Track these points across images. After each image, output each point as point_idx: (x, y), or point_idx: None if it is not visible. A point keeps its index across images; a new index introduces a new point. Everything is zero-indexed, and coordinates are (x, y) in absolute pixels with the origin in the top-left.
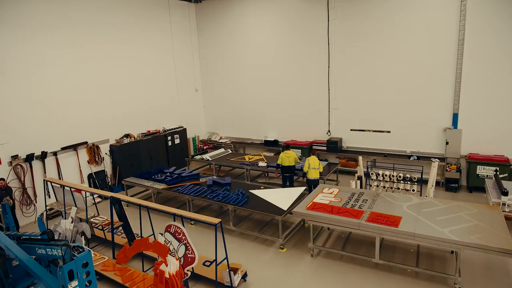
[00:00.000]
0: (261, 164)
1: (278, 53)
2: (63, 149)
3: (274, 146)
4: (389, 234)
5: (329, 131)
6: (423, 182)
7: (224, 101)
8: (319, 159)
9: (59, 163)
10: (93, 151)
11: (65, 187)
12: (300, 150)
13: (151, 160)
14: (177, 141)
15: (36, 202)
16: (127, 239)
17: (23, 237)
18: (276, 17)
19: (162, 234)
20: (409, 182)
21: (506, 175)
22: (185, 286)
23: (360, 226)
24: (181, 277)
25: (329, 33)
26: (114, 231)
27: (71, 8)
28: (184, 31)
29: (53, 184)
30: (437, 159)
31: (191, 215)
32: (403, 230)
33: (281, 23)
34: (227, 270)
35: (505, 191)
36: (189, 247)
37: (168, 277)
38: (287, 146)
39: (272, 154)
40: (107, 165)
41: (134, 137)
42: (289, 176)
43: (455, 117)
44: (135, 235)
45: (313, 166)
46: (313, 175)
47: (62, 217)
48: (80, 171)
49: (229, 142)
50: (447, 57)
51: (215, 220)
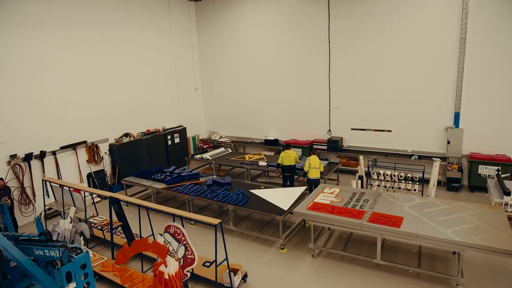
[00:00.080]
0: (261, 163)
1: (278, 51)
2: (62, 148)
3: (274, 145)
4: (390, 234)
5: (329, 130)
6: (424, 181)
7: (224, 100)
8: (319, 158)
9: (58, 162)
10: (93, 150)
11: (64, 187)
12: (300, 149)
13: (150, 160)
14: (177, 140)
15: (35, 202)
16: (126, 239)
17: (21, 237)
18: (276, 16)
19: (161, 235)
20: (410, 182)
21: (508, 174)
22: (184, 287)
23: (362, 226)
24: (180, 278)
25: (329, 32)
26: (114, 231)
27: (70, 7)
28: (184, 29)
29: (52, 183)
30: (438, 159)
31: (190, 216)
32: (405, 230)
33: (281, 21)
34: (227, 271)
35: (508, 191)
36: (188, 248)
37: (168, 278)
38: (288, 145)
39: (272, 154)
40: (106, 165)
41: (134, 136)
42: (290, 176)
43: (456, 116)
44: (135, 235)
45: (313, 166)
46: (313, 174)
47: (61, 217)
48: (79, 170)
49: (229, 141)
50: (449, 56)
51: (215, 221)
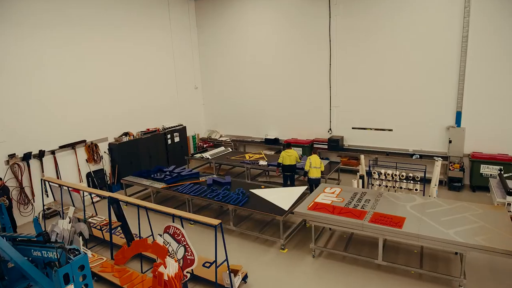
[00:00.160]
0: (261, 162)
1: (279, 50)
2: (61, 147)
3: (274, 144)
4: (392, 235)
5: (330, 129)
6: (425, 181)
7: (224, 98)
8: (320, 157)
9: (57, 162)
10: (92, 149)
11: (63, 187)
12: (301, 149)
13: (150, 159)
14: (176, 139)
15: (34, 202)
16: (126, 239)
17: (19, 238)
18: (277, 14)
19: (161, 235)
20: (411, 181)
21: (511, 174)
22: None
23: (363, 227)
24: (180, 279)
25: (330, 30)
26: (113, 231)
27: (69, 6)
28: (184, 28)
29: (50, 183)
30: (440, 158)
31: (190, 216)
32: (407, 231)
33: (281, 20)
34: (227, 272)
35: (510, 190)
36: (188, 248)
37: (167, 279)
38: (288, 144)
39: (272, 153)
40: (106, 164)
41: (133, 136)
42: (290, 175)
43: (458, 115)
44: (134, 235)
45: (314, 165)
46: (314, 174)
47: (60, 217)
48: (79, 170)
49: (229, 140)
50: (450, 54)
51: (215, 222)
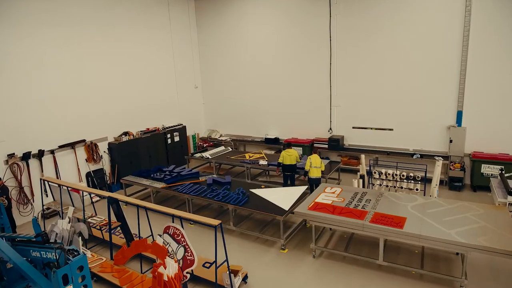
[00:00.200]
0: (261, 162)
1: (279, 49)
2: (60, 147)
3: (275, 144)
4: (393, 235)
5: (330, 128)
6: (426, 181)
7: (224, 98)
8: (320, 157)
9: (57, 161)
10: (91, 149)
11: (62, 187)
12: (301, 148)
13: (150, 158)
14: (176, 139)
15: (33, 202)
16: (125, 239)
17: (18, 238)
18: (277, 13)
19: (160, 236)
20: (412, 181)
21: None
22: None
23: (364, 227)
24: (180, 279)
25: (330, 29)
26: (112, 231)
27: (69, 5)
28: (184, 27)
29: (50, 183)
30: (440, 158)
31: (190, 216)
32: (408, 231)
33: (281, 18)
34: (228, 272)
35: (511, 190)
36: (188, 249)
37: (167, 279)
38: (289, 144)
39: (273, 152)
40: (105, 164)
41: (133, 135)
42: (291, 175)
43: (459, 114)
44: (133, 235)
45: (314, 165)
46: (314, 174)
47: (60, 217)
48: (78, 169)
49: (229, 139)
50: (452, 53)
51: (215, 222)
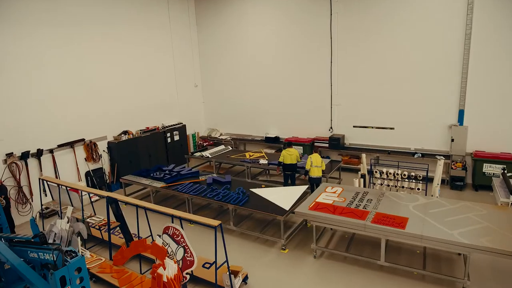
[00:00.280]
0: (262, 161)
1: (279, 48)
2: (59, 146)
3: (275, 143)
4: (395, 236)
5: (331, 127)
6: (428, 180)
7: (224, 97)
8: (321, 156)
9: (56, 160)
10: (91, 148)
11: (61, 186)
12: (301, 147)
13: (150, 157)
14: (176, 138)
15: (32, 201)
16: (125, 239)
17: (16, 239)
18: (277, 12)
19: (160, 236)
20: (413, 181)
21: None
22: None
23: (365, 227)
24: (179, 280)
25: (331, 28)
26: (112, 230)
27: (68, 5)
28: (184, 26)
29: (48, 182)
30: (442, 157)
31: (189, 217)
32: (410, 232)
33: (282, 17)
34: (228, 273)
35: None
36: (187, 249)
37: (166, 281)
38: (290, 143)
39: (273, 151)
40: (105, 163)
41: (133, 134)
42: (291, 175)
43: (461, 113)
44: (133, 235)
45: (315, 164)
46: (315, 173)
47: (59, 216)
48: (77, 168)
49: (229, 138)
50: (453, 52)
51: (215, 222)
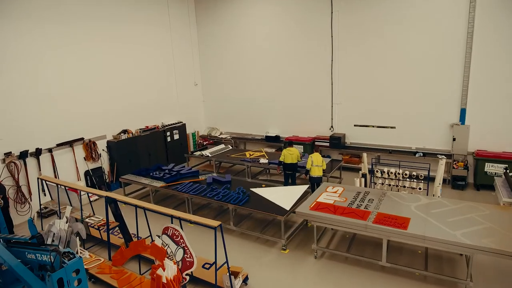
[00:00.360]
0: (262, 161)
1: (280, 45)
2: (58, 145)
3: (275, 142)
4: (397, 236)
5: (332, 126)
6: (429, 179)
7: (224, 95)
8: (321, 155)
9: (55, 160)
10: (90, 147)
11: (60, 186)
12: (302, 146)
13: (149, 157)
14: (176, 136)
15: (31, 201)
16: (124, 239)
17: (13, 240)
18: (277, 10)
19: (159, 237)
20: (415, 180)
21: None
22: None
23: (367, 227)
24: (179, 282)
25: (332, 26)
26: (111, 231)
27: (68, 3)
28: (183, 24)
29: (47, 182)
30: (444, 156)
31: (189, 217)
32: (412, 232)
33: (282, 15)
34: (228, 274)
35: None
36: (187, 250)
37: (166, 282)
38: (290, 143)
39: (273, 150)
40: (104, 162)
41: (132, 133)
42: (291, 174)
43: (462, 112)
44: (132, 235)
45: (316, 164)
46: (316, 172)
47: (57, 216)
48: (77, 168)
49: (229, 137)
50: (455, 50)
51: (215, 223)
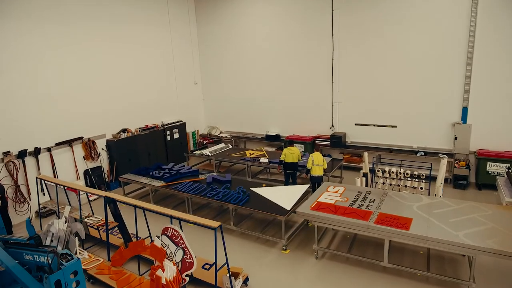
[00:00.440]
0: (262, 160)
1: (280, 44)
2: (57, 144)
3: (275, 140)
4: (399, 237)
5: (332, 125)
6: (431, 179)
7: (224, 94)
8: (322, 154)
9: (54, 159)
10: (89, 146)
11: (58, 185)
12: (302, 145)
13: (149, 156)
14: (176, 135)
15: (30, 200)
16: (123, 239)
17: (11, 241)
18: (277, 7)
19: (158, 237)
20: (416, 180)
21: None
22: None
23: (369, 228)
24: (178, 283)
25: (333, 24)
26: (110, 231)
27: (67, 2)
28: (183, 23)
29: (46, 182)
30: (445, 156)
31: (189, 218)
32: (414, 233)
33: (282, 14)
34: (228, 275)
35: None
36: (187, 251)
37: (165, 283)
38: (291, 142)
39: (274, 149)
40: (103, 161)
41: (132, 132)
42: (292, 173)
43: (464, 111)
44: (131, 235)
45: (317, 163)
46: (317, 172)
47: (56, 216)
48: (76, 167)
49: (229, 136)
50: (457, 49)
51: (215, 224)
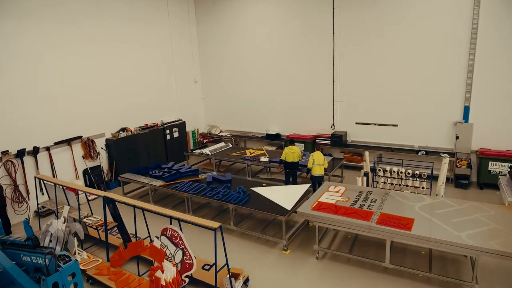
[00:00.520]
0: (262, 159)
1: (280, 42)
2: (56, 144)
3: (276, 139)
4: (401, 237)
5: (333, 124)
6: (433, 178)
7: (224, 93)
8: (323, 153)
9: (52, 158)
10: (88, 145)
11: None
12: (303, 144)
13: (149, 155)
14: (175, 134)
15: (28, 200)
16: (122, 239)
17: (9, 241)
18: (277, 6)
19: (158, 238)
20: (418, 179)
21: None
22: None
23: (370, 228)
24: (178, 284)
25: (333, 22)
26: (109, 231)
27: (66, 1)
28: (183, 21)
29: (44, 181)
30: (447, 155)
31: (188, 218)
32: (416, 234)
33: (282, 12)
34: (228, 276)
35: None
36: (186, 252)
37: (164, 284)
38: (292, 141)
39: (274, 148)
40: (103, 160)
41: (131, 131)
42: (293, 173)
43: (466, 110)
44: (131, 235)
45: (317, 162)
46: (317, 171)
47: (55, 216)
48: (75, 166)
49: (229, 135)
50: (459, 47)
51: (215, 224)
